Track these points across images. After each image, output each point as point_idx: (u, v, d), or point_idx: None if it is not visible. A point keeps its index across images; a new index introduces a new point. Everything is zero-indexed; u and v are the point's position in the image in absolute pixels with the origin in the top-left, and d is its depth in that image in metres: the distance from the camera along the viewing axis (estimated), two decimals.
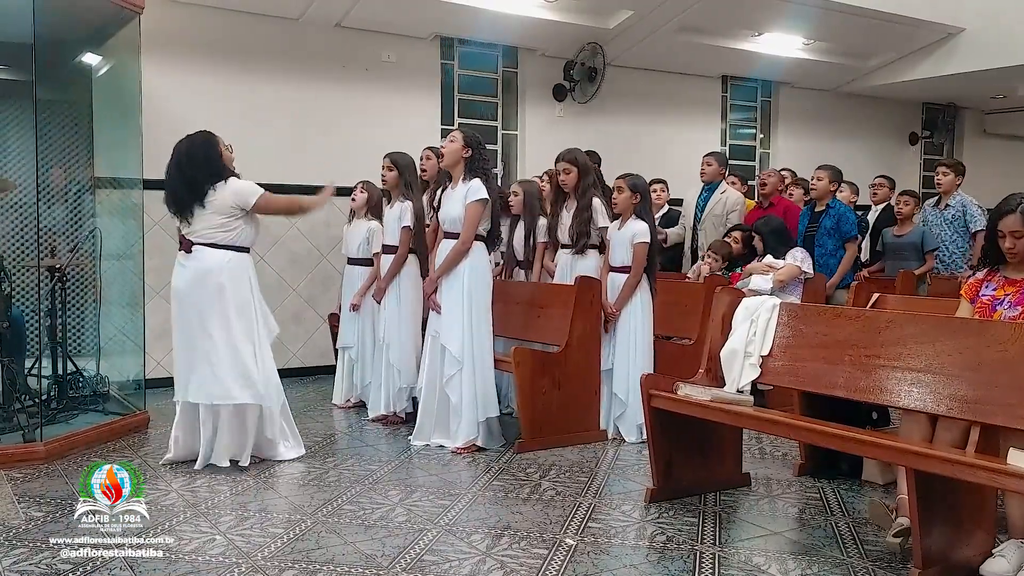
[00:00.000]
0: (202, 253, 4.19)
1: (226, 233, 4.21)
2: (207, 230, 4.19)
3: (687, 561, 3.14)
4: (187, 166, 4.20)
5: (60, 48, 5.63)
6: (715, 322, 4.05)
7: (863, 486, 4.12)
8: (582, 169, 5.16)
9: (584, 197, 5.14)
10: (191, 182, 4.17)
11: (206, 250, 4.20)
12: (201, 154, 4.21)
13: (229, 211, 4.20)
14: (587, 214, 5.13)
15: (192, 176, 4.18)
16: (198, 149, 4.22)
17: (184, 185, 4.19)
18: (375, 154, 5.49)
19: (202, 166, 4.19)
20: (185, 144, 4.25)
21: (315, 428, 5.24)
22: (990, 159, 10.70)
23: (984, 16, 8.32)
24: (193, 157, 4.21)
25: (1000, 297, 3.39)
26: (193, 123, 6.12)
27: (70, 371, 5.28)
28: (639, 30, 7.77)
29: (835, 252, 6.24)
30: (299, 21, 6.89)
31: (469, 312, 4.59)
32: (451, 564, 3.07)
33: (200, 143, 4.24)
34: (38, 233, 5.14)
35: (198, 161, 4.20)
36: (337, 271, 6.44)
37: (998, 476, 2.67)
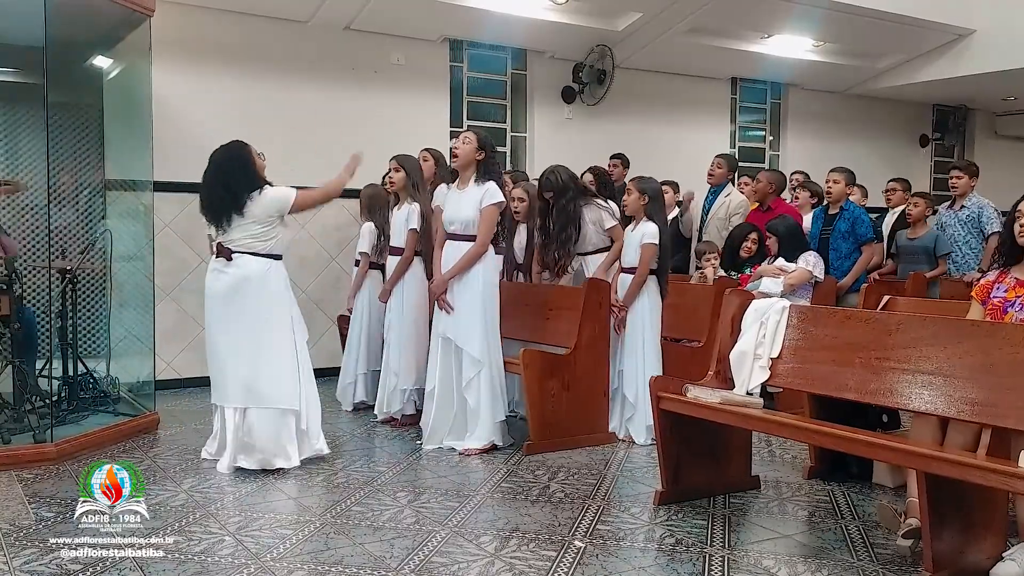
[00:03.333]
0: (243, 260, 4.26)
1: (265, 242, 4.29)
2: (247, 239, 4.25)
3: (696, 564, 3.13)
4: (225, 175, 4.25)
5: (71, 51, 5.67)
6: (724, 324, 4.04)
7: (873, 489, 4.10)
8: (559, 191, 5.22)
9: (562, 216, 5.23)
10: (231, 192, 4.22)
11: (247, 258, 4.26)
12: (238, 164, 4.26)
13: (268, 219, 4.27)
14: (564, 235, 5.24)
15: (230, 185, 4.23)
16: (235, 159, 4.27)
17: (223, 194, 4.24)
18: (384, 156, 5.50)
19: (239, 175, 4.24)
20: (222, 153, 4.30)
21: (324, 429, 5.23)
22: (1001, 161, 10.64)
23: (995, 17, 8.28)
24: (231, 167, 4.26)
25: (1011, 299, 3.38)
26: (203, 125, 6.25)
27: (81, 372, 5.31)
28: (648, 32, 7.76)
29: (849, 255, 6.22)
30: (308, 24, 6.91)
31: (484, 314, 4.60)
32: (460, 566, 3.07)
33: (236, 153, 4.29)
34: (49, 235, 5.17)
35: (236, 170, 4.25)
36: (347, 272, 6.45)
37: (1009, 479, 2.66)
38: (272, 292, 4.30)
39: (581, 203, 5.29)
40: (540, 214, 5.41)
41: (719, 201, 6.87)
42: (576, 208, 5.26)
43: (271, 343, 4.27)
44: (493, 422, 4.66)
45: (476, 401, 4.63)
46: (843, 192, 6.28)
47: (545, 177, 5.30)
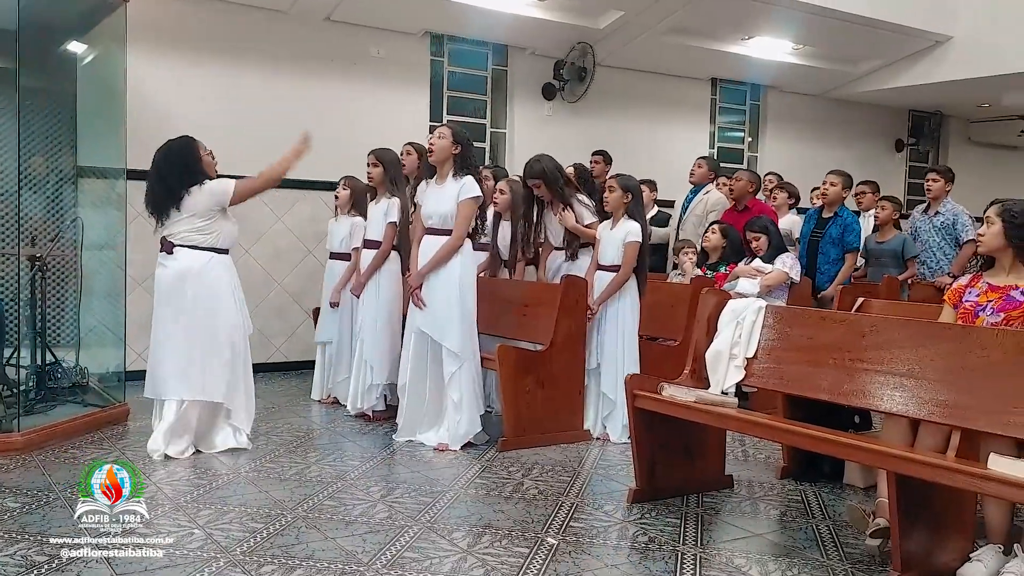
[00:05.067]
0: (182, 254, 4.34)
1: (205, 236, 4.37)
2: (187, 232, 4.35)
3: (669, 562, 3.14)
4: (163, 168, 4.36)
5: (45, 36, 5.56)
6: (701, 323, 4.05)
7: (845, 489, 4.14)
8: (550, 179, 5.21)
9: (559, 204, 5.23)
10: (166, 184, 4.33)
11: (186, 251, 4.34)
12: (177, 158, 4.36)
13: (207, 213, 4.35)
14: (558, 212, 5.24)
15: (166, 179, 4.33)
16: (175, 153, 4.37)
17: (160, 188, 4.35)
18: (363, 149, 5.46)
19: (177, 169, 4.34)
20: (164, 149, 4.41)
21: (296, 423, 5.21)
22: (974, 167, 10.77)
23: (972, 25, 8.37)
24: (170, 161, 4.36)
25: (983, 303, 3.41)
26: (178, 113, 6.17)
27: (49, 362, 5.22)
28: (629, 31, 7.77)
29: (837, 261, 6.29)
30: (288, 13, 6.84)
31: (462, 308, 4.59)
32: (432, 562, 3.06)
33: (178, 148, 4.39)
34: (19, 221, 5.08)
35: (174, 164, 4.35)
36: (322, 265, 6.41)
37: (978, 481, 2.69)
38: (211, 285, 4.36)
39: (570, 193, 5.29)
40: (524, 201, 5.39)
41: (697, 199, 6.96)
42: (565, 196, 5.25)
43: (207, 336, 4.34)
44: (477, 416, 4.66)
45: (459, 395, 4.60)
46: (839, 195, 6.33)
47: (530, 165, 5.27)
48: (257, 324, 4.62)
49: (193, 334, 4.32)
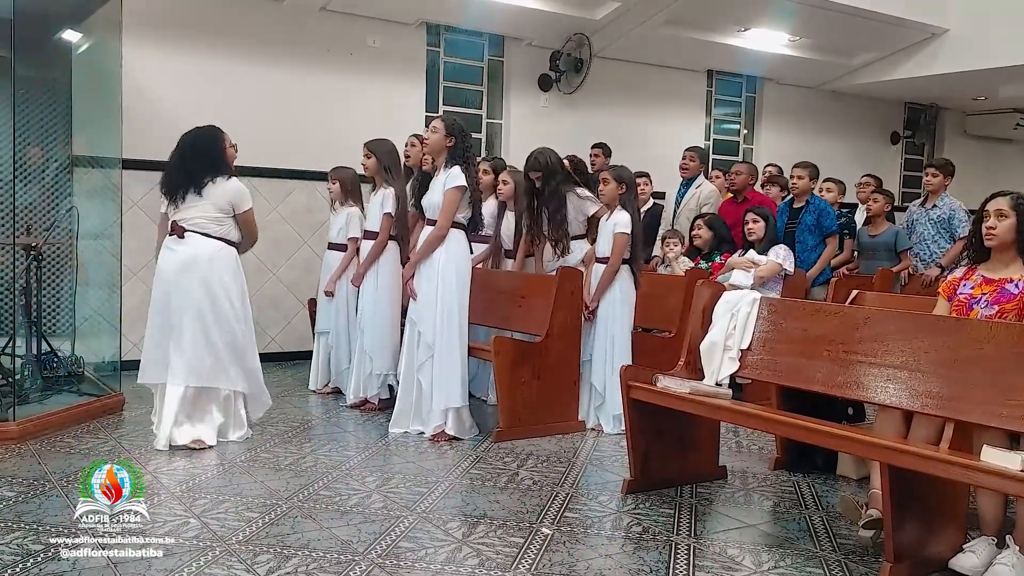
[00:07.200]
0: (194, 239, 4.32)
1: (219, 226, 4.37)
2: (201, 219, 4.33)
3: (662, 552, 3.16)
4: (188, 154, 4.35)
5: (40, 24, 5.54)
6: (696, 315, 4.07)
7: (837, 481, 4.16)
8: (548, 172, 5.20)
9: (554, 198, 5.20)
10: (188, 169, 4.31)
11: (198, 237, 4.32)
12: (204, 147, 4.36)
13: (224, 207, 4.35)
14: (560, 216, 5.20)
15: (190, 164, 4.32)
16: (203, 140, 4.37)
17: (181, 171, 4.33)
18: (358, 139, 5.45)
19: (202, 157, 4.33)
20: (192, 134, 4.39)
21: (292, 414, 5.21)
22: (970, 160, 10.78)
23: (968, 18, 8.36)
24: (197, 148, 4.36)
25: (977, 296, 3.42)
26: (174, 103, 6.15)
27: (45, 351, 5.21)
28: (626, 22, 7.75)
29: (815, 248, 6.28)
30: (284, 3, 6.81)
31: (442, 297, 4.58)
32: (427, 551, 3.07)
33: (205, 136, 4.39)
34: (14, 211, 5.06)
35: (200, 152, 4.34)
36: (318, 256, 6.40)
37: (971, 472, 2.71)
38: (219, 272, 4.34)
39: (568, 188, 5.28)
40: (527, 194, 5.38)
41: (690, 192, 6.96)
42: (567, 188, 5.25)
43: (213, 322, 4.32)
44: (443, 408, 4.60)
45: (429, 384, 4.59)
46: (807, 187, 6.35)
47: (534, 158, 5.26)
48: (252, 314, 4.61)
49: (199, 320, 4.29)
